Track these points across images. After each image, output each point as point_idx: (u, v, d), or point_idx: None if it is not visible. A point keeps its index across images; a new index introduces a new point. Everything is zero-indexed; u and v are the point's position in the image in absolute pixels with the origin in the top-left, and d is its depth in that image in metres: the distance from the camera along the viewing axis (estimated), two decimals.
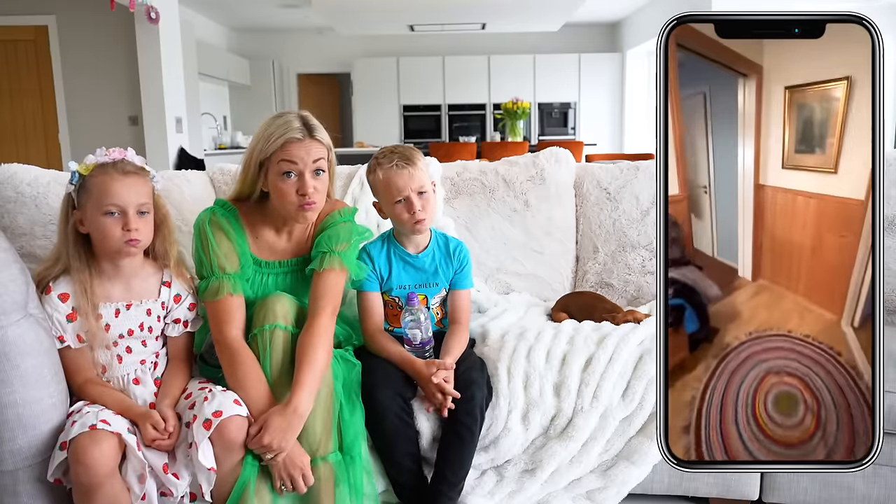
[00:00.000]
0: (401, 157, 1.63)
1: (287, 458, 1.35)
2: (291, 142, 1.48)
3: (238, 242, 1.56)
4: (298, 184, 1.50)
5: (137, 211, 1.39)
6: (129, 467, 1.30)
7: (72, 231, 1.41)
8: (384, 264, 1.70)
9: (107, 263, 1.44)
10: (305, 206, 1.50)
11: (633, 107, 9.10)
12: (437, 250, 1.73)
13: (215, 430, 1.30)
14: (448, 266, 1.72)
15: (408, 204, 1.62)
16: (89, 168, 1.40)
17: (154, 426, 1.33)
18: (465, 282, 1.74)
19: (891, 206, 1.97)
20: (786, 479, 1.62)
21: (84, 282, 1.39)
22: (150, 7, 5.24)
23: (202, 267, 1.53)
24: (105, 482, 1.25)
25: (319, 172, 1.53)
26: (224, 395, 1.37)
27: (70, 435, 1.26)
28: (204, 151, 7.00)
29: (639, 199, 2.14)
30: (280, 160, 1.49)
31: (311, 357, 1.41)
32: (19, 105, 6.31)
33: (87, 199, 1.39)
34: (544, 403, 1.56)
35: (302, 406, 1.36)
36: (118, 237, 1.38)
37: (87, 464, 1.23)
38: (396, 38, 9.44)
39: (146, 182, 1.44)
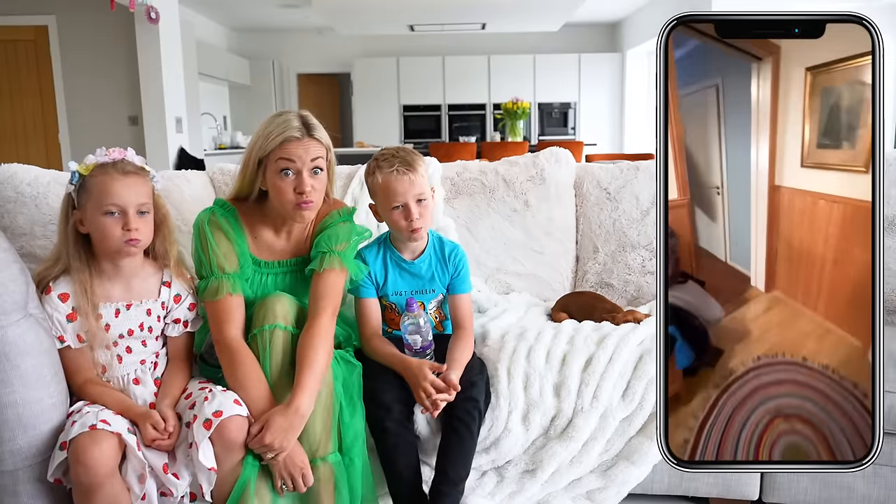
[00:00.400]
0: (402, 161, 1.60)
1: (287, 458, 1.35)
2: (290, 140, 1.49)
3: (237, 242, 1.56)
4: (296, 182, 1.50)
5: (137, 211, 1.40)
6: (129, 467, 1.30)
7: (72, 231, 1.41)
8: (380, 270, 1.68)
9: (107, 263, 1.44)
10: (302, 204, 1.50)
11: (633, 107, 9.10)
12: (433, 255, 1.70)
13: (215, 430, 1.30)
14: (444, 272, 1.70)
15: (405, 211, 1.60)
16: (89, 168, 1.40)
17: (154, 426, 1.33)
18: (464, 286, 1.71)
19: (891, 206, 1.97)
20: (786, 479, 1.62)
21: (84, 282, 1.39)
22: (150, 7, 5.23)
23: (201, 267, 1.53)
24: (105, 482, 1.25)
25: (317, 171, 1.53)
26: (224, 395, 1.37)
27: (70, 435, 1.26)
28: (204, 151, 7.00)
29: (639, 199, 2.14)
30: (278, 158, 1.49)
31: (312, 357, 1.41)
32: (19, 105, 6.31)
33: (87, 199, 1.39)
34: (544, 404, 1.56)
35: (303, 406, 1.36)
36: (118, 237, 1.38)
37: (87, 464, 1.23)
38: (396, 38, 9.44)
39: (146, 182, 1.44)
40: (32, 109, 6.33)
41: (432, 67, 9.31)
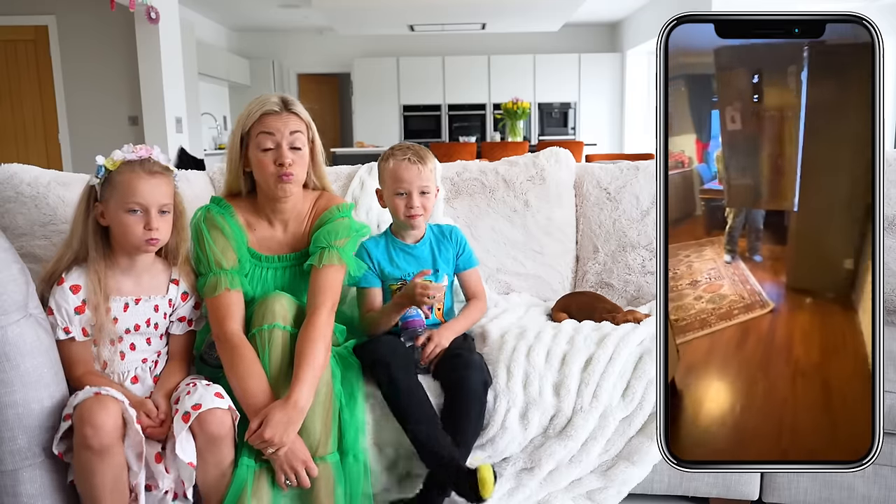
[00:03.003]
0: (415, 153, 1.71)
1: (289, 452, 1.35)
2: (268, 114, 1.53)
3: (235, 237, 1.57)
4: (276, 155, 1.52)
5: (159, 210, 1.41)
6: (128, 442, 1.30)
7: (93, 222, 1.42)
8: (383, 256, 1.75)
9: (123, 257, 1.45)
10: (283, 176, 1.52)
11: (633, 107, 9.10)
12: (432, 238, 1.80)
13: (197, 424, 1.31)
14: (446, 249, 1.78)
15: (408, 198, 1.69)
16: (116, 164, 1.41)
17: (147, 414, 1.35)
18: (471, 261, 1.83)
19: (891, 206, 1.97)
20: (786, 479, 1.62)
21: (99, 272, 1.41)
22: (150, 7, 5.23)
23: (199, 264, 1.54)
24: (114, 446, 1.25)
25: (298, 148, 1.55)
26: (206, 389, 1.37)
27: (76, 402, 1.28)
28: (204, 151, 7.00)
29: (639, 199, 2.14)
30: (259, 133, 1.53)
31: (310, 352, 1.41)
32: (19, 105, 6.30)
33: (111, 193, 1.40)
34: (543, 403, 1.55)
35: (302, 400, 1.36)
36: (139, 235, 1.40)
37: (95, 424, 1.23)
38: (396, 38, 9.44)
39: (170, 182, 1.46)
40: (32, 109, 6.32)
41: (432, 67, 9.31)
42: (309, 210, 1.66)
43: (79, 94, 6.30)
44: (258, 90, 9.33)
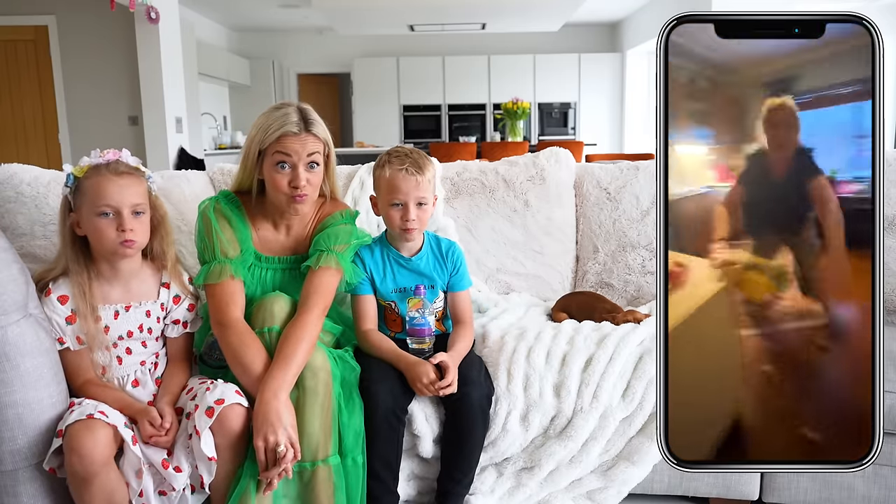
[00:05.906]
0: (413, 162, 1.62)
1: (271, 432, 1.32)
2: (287, 135, 1.50)
3: (241, 232, 1.57)
4: (291, 176, 1.51)
5: (132, 211, 1.39)
6: (125, 462, 1.30)
7: (69, 233, 1.41)
8: (377, 267, 1.68)
9: (105, 265, 1.43)
10: (296, 198, 1.52)
11: (633, 107, 9.10)
12: (430, 253, 1.71)
13: (216, 420, 1.31)
14: (442, 269, 1.71)
15: (404, 210, 1.61)
16: (83, 170, 1.40)
17: (151, 422, 1.34)
18: (463, 282, 1.72)
19: (891, 206, 1.97)
20: (786, 479, 1.62)
21: (82, 284, 1.39)
22: (150, 7, 5.23)
23: (205, 251, 1.54)
24: (100, 472, 1.24)
25: (314, 166, 1.54)
26: (226, 386, 1.38)
27: (67, 422, 1.27)
28: (204, 151, 7.00)
29: (639, 199, 2.14)
30: (275, 152, 1.51)
31: (288, 350, 1.39)
32: (19, 105, 6.30)
33: (82, 200, 1.39)
34: (544, 404, 1.55)
35: (267, 393, 1.34)
36: (113, 238, 1.37)
37: (80, 452, 1.22)
38: (396, 38, 9.44)
39: (141, 182, 1.43)
40: (32, 109, 6.32)
41: (432, 67, 9.31)
42: (313, 214, 1.66)
43: (79, 94, 6.30)
44: (258, 90, 9.34)
